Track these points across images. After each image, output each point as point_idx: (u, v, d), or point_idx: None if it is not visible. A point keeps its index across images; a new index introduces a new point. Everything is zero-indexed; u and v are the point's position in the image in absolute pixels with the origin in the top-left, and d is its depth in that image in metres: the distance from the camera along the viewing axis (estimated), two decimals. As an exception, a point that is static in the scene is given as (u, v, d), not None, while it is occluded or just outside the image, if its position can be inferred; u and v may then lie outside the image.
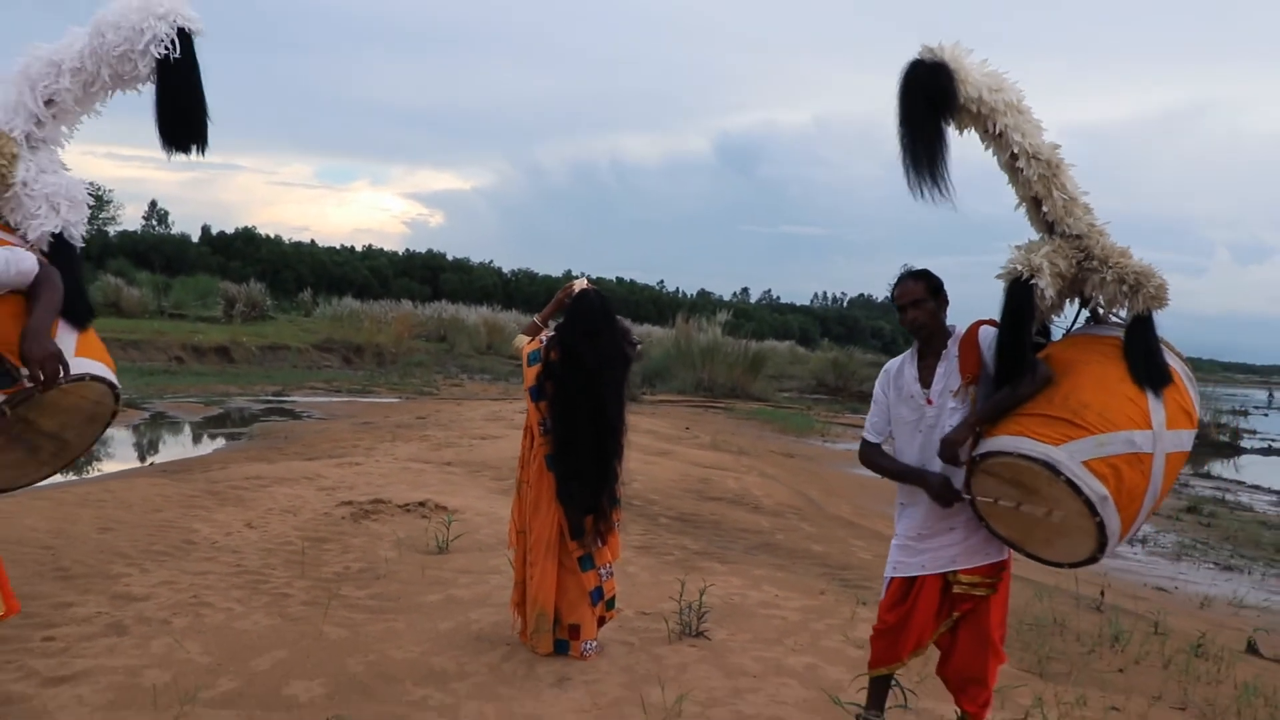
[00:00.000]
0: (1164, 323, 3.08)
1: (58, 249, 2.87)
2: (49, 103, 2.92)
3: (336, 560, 5.91)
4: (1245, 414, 31.69)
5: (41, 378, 2.49)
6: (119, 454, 11.47)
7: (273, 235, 64.05)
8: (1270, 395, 52.20)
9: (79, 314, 2.78)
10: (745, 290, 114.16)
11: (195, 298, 35.72)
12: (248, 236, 61.21)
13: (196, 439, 13.16)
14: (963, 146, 3.16)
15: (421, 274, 67.38)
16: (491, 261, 78.06)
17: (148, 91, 3.04)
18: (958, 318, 3.31)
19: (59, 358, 2.53)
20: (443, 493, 8.13)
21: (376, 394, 20.62)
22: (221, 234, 60.83)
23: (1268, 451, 22.35)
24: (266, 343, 27.07)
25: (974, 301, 3.48)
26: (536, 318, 4.35)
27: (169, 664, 3.94)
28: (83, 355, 2.73)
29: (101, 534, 6.20)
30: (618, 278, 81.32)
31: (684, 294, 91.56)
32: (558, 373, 4.03)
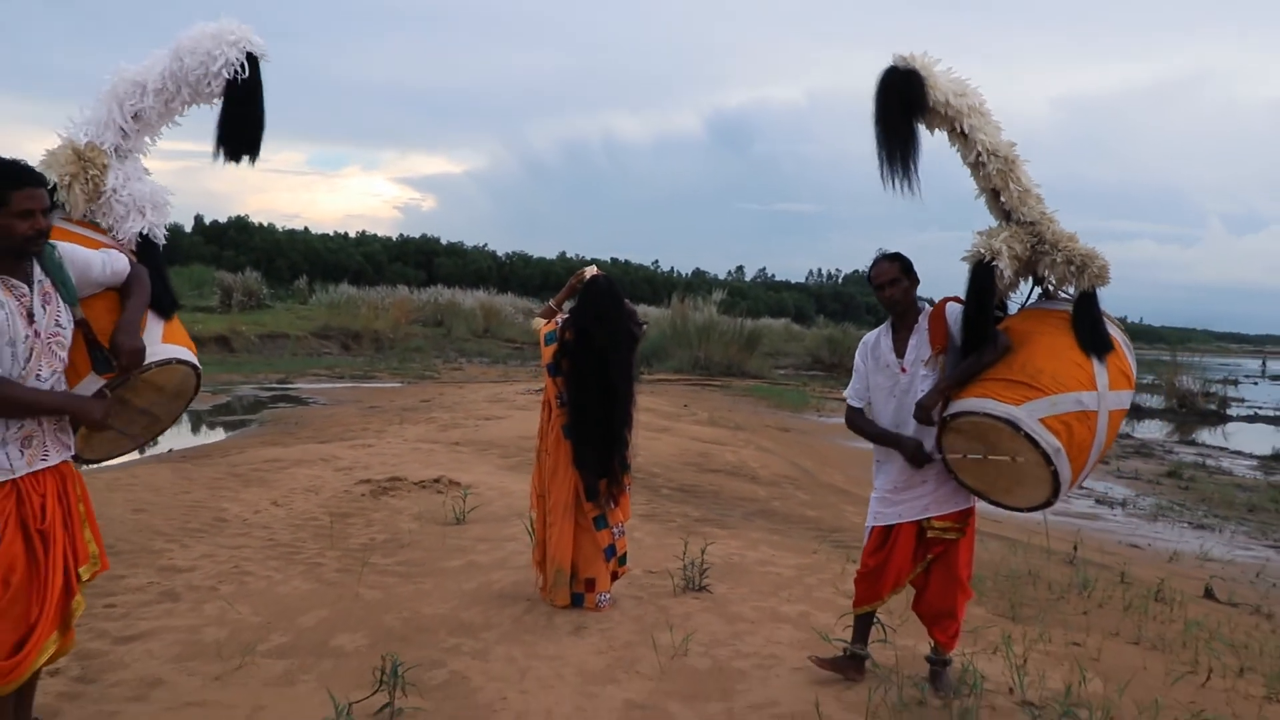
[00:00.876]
0: (1159, 294, 3.48)
1: (144, 248, 3.27)
2: (134, 118, 3.31)
3: (362, 533, 6.34)
4: (1235, 383, 32.21)
5: (126, 366, 2.91)
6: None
7: (266, 224, 64.05)
8: (1263, 364, 52.63)
9: (165, 306, 3.19)
10: (740, 269, 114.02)
11: (191, 287, 35.83)
12: (241, 225, 61.22)
13: (210, 426, 13.55)
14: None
15: (416, 259, 67.47)
16: (485, 245, 78.10)
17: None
18: (953, 288, 3.71)
19: (143, 351, 2.93)
20: (454, 470, 8.55)
21: (378, 379, 21.00)
22: (215, 223, 60.84)
23: (1253, 419, 22.85)
24: (265, 331, 27.33)
25: (962, 276, 3.85)
26: (552, 302, 4.77)
27: (224, 623, 4.37)
28: (168, 341, 3.13)
29: (136, 515, 6.60)
30: (612, 258, 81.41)
31: (679, 273, 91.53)
32: (572, 351, 4.45)
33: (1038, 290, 3.73)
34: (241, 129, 3.38)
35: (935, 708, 3.53)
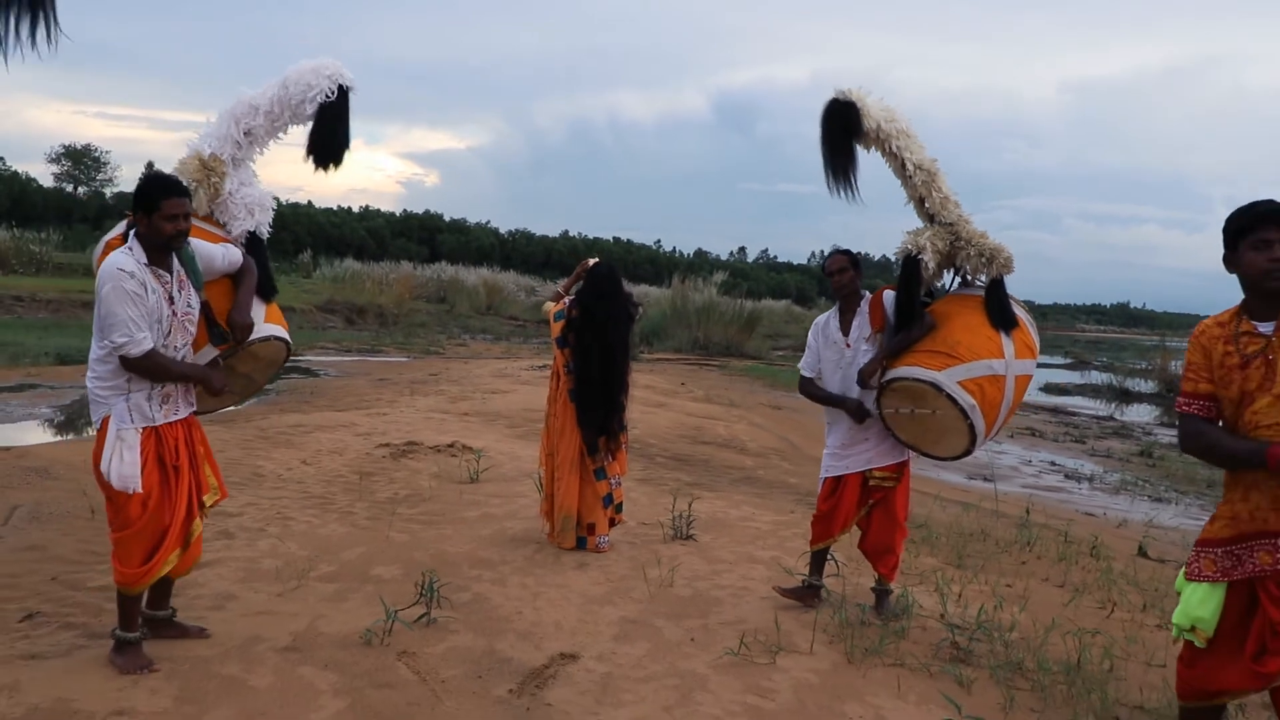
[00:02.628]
0: (1163, 279, 4.12)
1: (251, 242, 3.98)
2: (247, 134, 4.02)
3: (386, 489, 7.06)
4: None
5: (239, 340, 3.65)
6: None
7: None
8: None
9: (267, 291, 3.92)
10: (742, 249, 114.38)
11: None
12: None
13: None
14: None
15: (419, 235, 67.87)
16: (488, 222, 78.42)
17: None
18: None
19: (252, 327, 3.68)
20: (466, 436, 9.27)
21: (385, 353, 21.66)
22: (220, 195, 61.25)
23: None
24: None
25: None
26: (560, 286, 5.48)
27: (277, 555, 5.10)
28: (269, 321, 3.87)
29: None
30: (614, 238, 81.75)
31: (681, 253, 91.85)
32: (577, 326, 5.18)
33: (957, 279, 4.46)
34: (329, 144, 4.09)
35: (875, 626, 4.27)
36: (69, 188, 60.63)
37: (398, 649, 3.77)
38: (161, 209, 3.30)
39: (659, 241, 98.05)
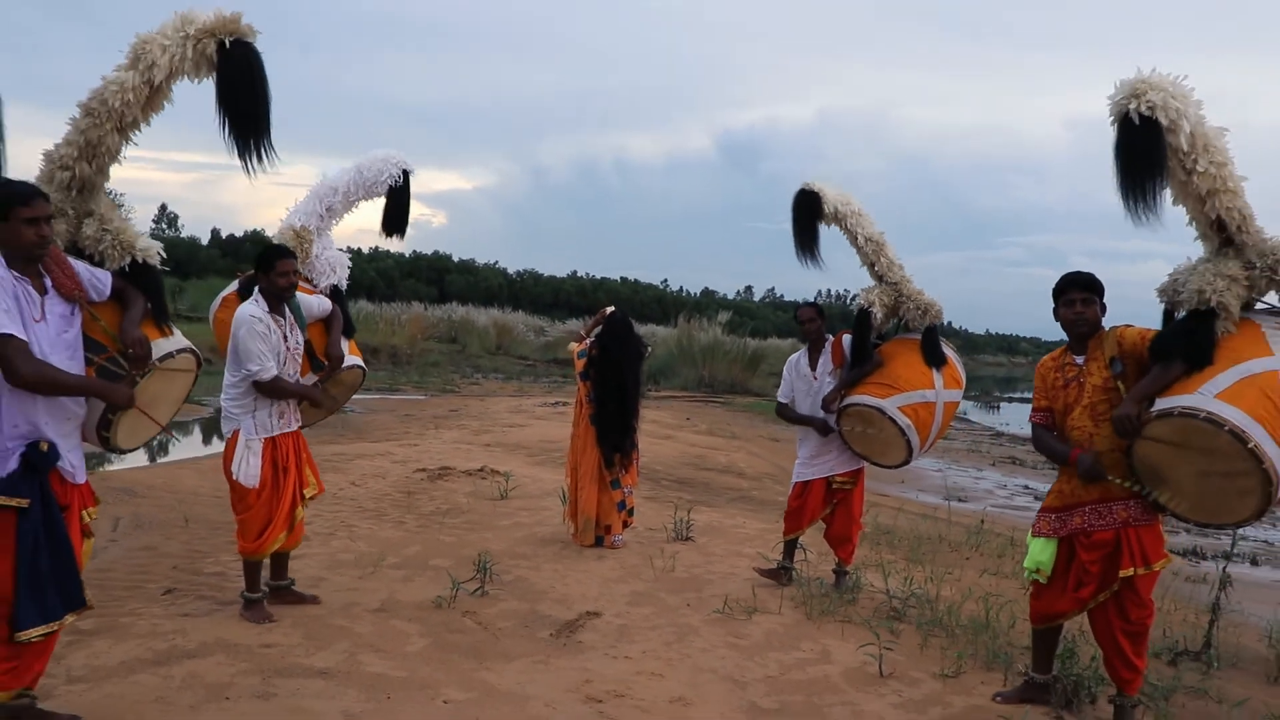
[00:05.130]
0: (1147, 312, 4.03)
1: (335, 293, 5.20)
2: (328, 209, 5.26)
3: (428, 504, 8.21)
4: None
5: (333, 369, 4.85)
6: (208, 437, 13.77)
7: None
8: None
9: (349, 330, 5.14)
10: (749, 288, 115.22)
11: (210, 300, 37.36)
12: (257, 239, 62.68)
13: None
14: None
15: (428, 275, 68.85)
16: (496, 262, 79.43)
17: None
18: (962, 308, 5.62)
19: (343, 357, 4.88)
20: (493, 463, 10.42)
21: (403, 391, 22.81)
22: (231, 236, 62.19)
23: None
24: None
25: (972, 296, 5.74)
26: (582, 330, 6.69)
27: (350, 551, 6.25)
28: (351, 354, 5.08)
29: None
30: (622, 278, 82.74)
31: (688, 292, 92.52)
32: (597, 363, 6.39)
33: (901, 326, 5.68)
34: (398, 219, 5.33)
35: (831, 596, 5.40)
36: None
37: (461, 609, 4.93)
38: (276, 268, 4.50)
39: (665, 281, 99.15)
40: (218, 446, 11.85)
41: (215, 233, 63.00)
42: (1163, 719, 3.93)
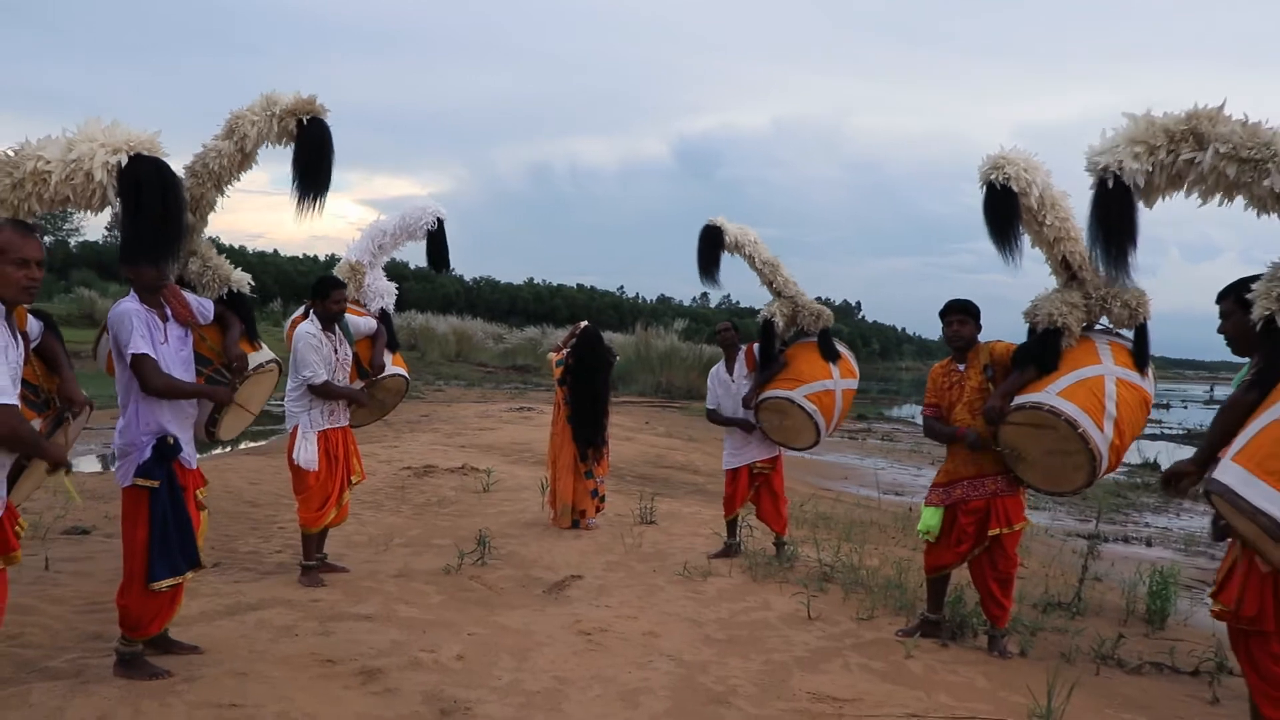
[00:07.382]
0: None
1: (383, 316, 6.22)
2: (379, 248, 6.30)
3: (419, 497, 9.17)
4: (1167, 406, 35.27)
5: (376, 377, 5.87)
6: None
7: (236, 245, 65.57)
8: (1210, 389, 53.64)
9: (393, 345, 6.17)
10: (705, 295, 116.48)
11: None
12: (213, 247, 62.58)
13: (248, 435, 16.21)
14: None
15: (386, 283, 69.08)
16: (452, 270, 79.53)
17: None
18: (917, 314, 6.74)
19: (384, 368, 5.90)
20: (471, 462, 11.40)
21: (374, 397, 23.57)
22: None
23: (1157, 437, 26.05)
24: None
25: (927, 303, 6.84)
26: (559, 341, 7.73)
27: (361, 534, 7.22)
28: (395, 365, 6.10)
29: (253, 485, 9.38)
30: (578, 284, 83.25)
31: (644, 299, 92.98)
32: (572, 369, 7.43)
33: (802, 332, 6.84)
34: (438, 255, 6.43)
35: (772, 565, 6.49)
36: (34, 238, 60.80)
37: (468, 575, 5.95)
38: (331, 296, 5.50)
39: (622, 287, 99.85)
40: (237, 449, 12.74)
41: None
42: (1025, 645, 5.06)
